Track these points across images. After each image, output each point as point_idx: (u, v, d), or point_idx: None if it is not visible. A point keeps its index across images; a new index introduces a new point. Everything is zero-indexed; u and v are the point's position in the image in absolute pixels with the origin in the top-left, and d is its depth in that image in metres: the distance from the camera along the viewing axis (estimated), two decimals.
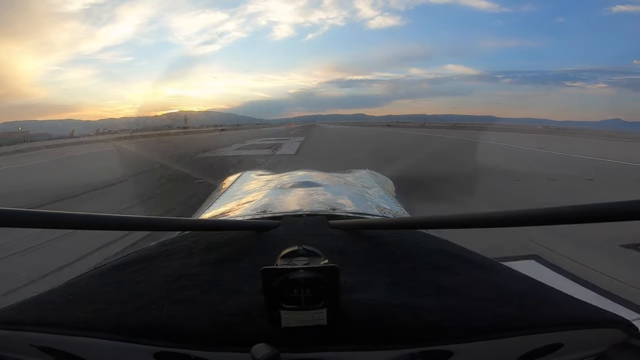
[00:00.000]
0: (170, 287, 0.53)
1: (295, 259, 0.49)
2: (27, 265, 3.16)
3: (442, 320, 0.47)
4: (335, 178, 1.44)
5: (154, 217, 0.64)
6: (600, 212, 0.38)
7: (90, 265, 1.45)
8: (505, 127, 36.43)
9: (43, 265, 3.14)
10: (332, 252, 0.61)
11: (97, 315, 0.47)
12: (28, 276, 2.93)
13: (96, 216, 0.53)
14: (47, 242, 3.72)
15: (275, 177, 1.49)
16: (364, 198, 1.15)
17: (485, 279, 0.57)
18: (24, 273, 2.98)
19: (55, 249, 3.60)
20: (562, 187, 6.16)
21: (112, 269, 0.59)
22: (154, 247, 0.67)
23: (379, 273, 0.56)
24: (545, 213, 0.42)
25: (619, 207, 0.37)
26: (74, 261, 3.24)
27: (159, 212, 5.08)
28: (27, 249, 3.57)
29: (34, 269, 3.06)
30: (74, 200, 5.99)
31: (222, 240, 0.67)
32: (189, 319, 0.47)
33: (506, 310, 0.49)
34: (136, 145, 23.88)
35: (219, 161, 11.22)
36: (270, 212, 0.88)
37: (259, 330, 0.46)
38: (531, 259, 1.84)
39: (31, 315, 0.48)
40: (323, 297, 0.45)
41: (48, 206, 5.54)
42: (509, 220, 0.47)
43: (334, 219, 0.79)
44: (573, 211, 0.40)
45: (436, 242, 0.69)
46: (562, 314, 0.49)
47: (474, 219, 0.51)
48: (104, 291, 0.53)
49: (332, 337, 0.46)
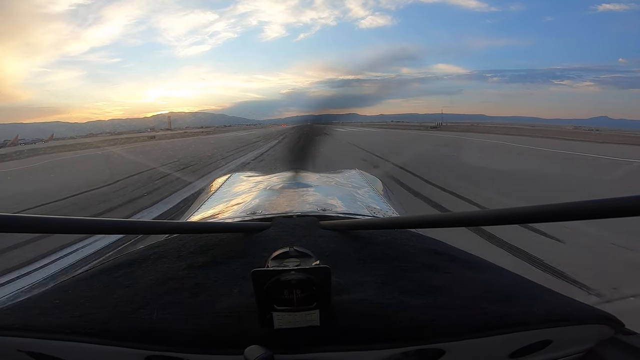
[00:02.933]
0: (159, 290, 0.52)
1: (287, 260, 0.49)
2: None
3: (433, 319, 0.47)
4: (325, 178, 1.45)
5: (142, 221, 0.63)
6: (581, 210, 0.39)
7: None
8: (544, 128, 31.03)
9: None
10: (323, 252, 0.61)
11: (85, 320, 0.47)
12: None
13: (83, 220, 0.52)
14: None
15: (264, 178, 1.48)
16: (354, 198, 1.16)
17: (474, 277, 0.58)
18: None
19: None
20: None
21: (99, 272, 0.58)
22: (142, 250, 0.66)
23: (370, 273, 0.57)
24: (533, 211, 0.43)
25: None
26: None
27: None
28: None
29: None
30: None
31: (211, 242, 0.66)
32: (180, 322, 0.47)
33: (495, 308, 0.49)
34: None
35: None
36: (260, 213, 0.87)
37: (251, 332, 0.46)
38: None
39: (18, 320, 0.47)
40: (315, 298, 0.45)
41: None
42: (498, 218, 0.48)
43: (325, 219, 0.79)
44: (557, 209, 0.41)
45: (426, 242, 0.70)
46: (550, 311, 0.50)
47: (462, 217, 0.52)
48: (91, 295, 0.52)
49: (324, 337, 0.46)
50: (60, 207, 6.12)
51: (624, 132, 27.53)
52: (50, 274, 3.23)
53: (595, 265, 3.16)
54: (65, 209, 5.97)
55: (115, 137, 54.55)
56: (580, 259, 3.28)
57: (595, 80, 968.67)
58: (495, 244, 3.66)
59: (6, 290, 2.93)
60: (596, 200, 0.38)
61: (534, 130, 32.52)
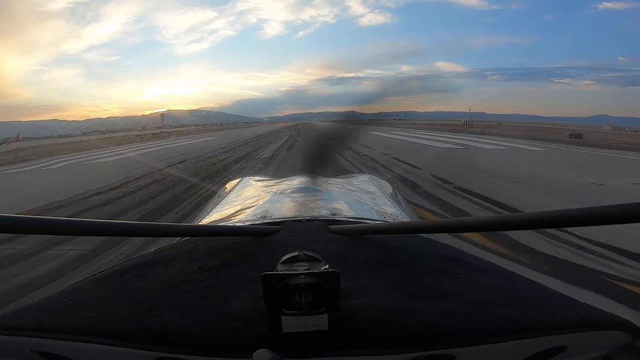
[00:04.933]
0: (170, 292, 0.53)
1: (296, 265, 0.49)
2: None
3: (444, 325, 0.47)
4: (335, 183, 1.45)
5: (153, 223, 0.64)
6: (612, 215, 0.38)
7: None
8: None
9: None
10: (332, 257, 0.61)
11: (97, 321, 0.47)
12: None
13: (96, 222, 0.54)
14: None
15: (275, 183, 1.50)
16: (364, 203, 1.16)
17: (486, 282, 0.57)
18: None
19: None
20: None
21: (111, 274, 0.59)
22: (154, 252, 0.67)
23: (379, 278, 0.56)
24: (549, 216, 0.42)
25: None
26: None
27: None
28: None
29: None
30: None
31: (222, 245, 0.67)
32: (189, 324, 0.47)
33: (508, 313, 0.48)
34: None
35: None
36: (270, 217, 0.88)
37: (259, 336, 0.46)
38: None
39: (31, 321, 0.48)
40: (324, 303, 0.45)
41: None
42: (510, 224, 0.47)
43: (334, 224, 0.79)
44: (581, 214, 0.40)
45: (436, 247, 0.69)
46: (564, 316, 0.49)
47: (474, 223, 0.51)
48: (104, 297, 0.53)
49: (333, 342, 0.46)
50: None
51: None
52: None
53: None
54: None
55: (100, 137, 47.40)
56: None
57: (595, 79, 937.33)
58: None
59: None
60: (617, 205, 0.37)
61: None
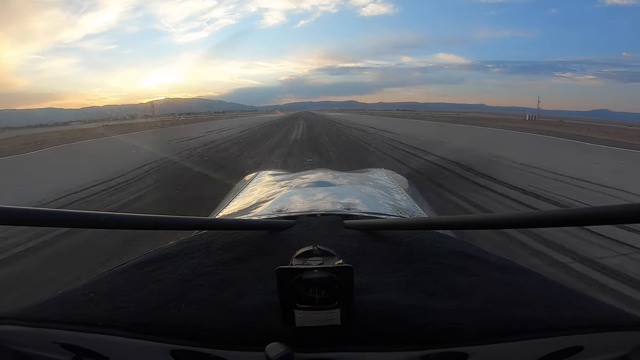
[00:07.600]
0: (187, 285, 0.54)
1: (310, 259, 0.50)
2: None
3: (458, 322, 0.46)
4: (350, 178, 1.44)
5: (171, 217, 0.66)
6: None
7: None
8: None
9: None
10: (346, 252, 0.61)
11: (117, 313, 0.49)
12: None
13: (115, 215, 0.56)
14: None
15: (290, 177, 1.51)
16: (379, 198, 1.14)
17: (502, 280, 0.56)
18: None
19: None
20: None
21: (131, 267, 0.61)
22: (172, 246, 0.68)
23: (393, 273, 0.56)
24: (572, 214, 0.40)
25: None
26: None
27: None
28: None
29: None
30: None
31: (237, 239, 0.68)
32: (205, 317, 0.48)
33: (524, 312, 0.47)
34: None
35: None
36: (285, 211, 0.88)
37: (273, 330, 0.46)
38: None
39: (54, 313, 0.50)
40: (337, 297, 0.45)
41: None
42: (528, 221, 0.45)
43: (349, 218, 0.78)
44: (599, 212, 0.38)
45: (452, 243, 0.68)
46: (582, 316, 0.47)
47: (490, 220, 0.50)
48: (124, 289, 0.54)
49: (345, 337, 0.46)
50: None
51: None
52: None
53: None
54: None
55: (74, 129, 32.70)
56: None
57: (597, 74, 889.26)
58: None
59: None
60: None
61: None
